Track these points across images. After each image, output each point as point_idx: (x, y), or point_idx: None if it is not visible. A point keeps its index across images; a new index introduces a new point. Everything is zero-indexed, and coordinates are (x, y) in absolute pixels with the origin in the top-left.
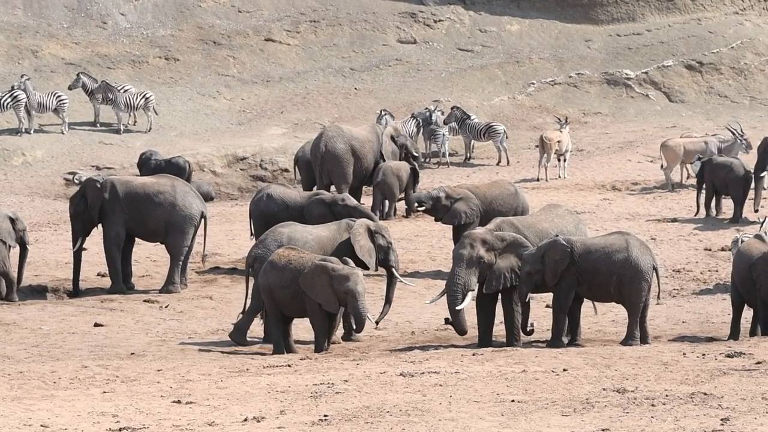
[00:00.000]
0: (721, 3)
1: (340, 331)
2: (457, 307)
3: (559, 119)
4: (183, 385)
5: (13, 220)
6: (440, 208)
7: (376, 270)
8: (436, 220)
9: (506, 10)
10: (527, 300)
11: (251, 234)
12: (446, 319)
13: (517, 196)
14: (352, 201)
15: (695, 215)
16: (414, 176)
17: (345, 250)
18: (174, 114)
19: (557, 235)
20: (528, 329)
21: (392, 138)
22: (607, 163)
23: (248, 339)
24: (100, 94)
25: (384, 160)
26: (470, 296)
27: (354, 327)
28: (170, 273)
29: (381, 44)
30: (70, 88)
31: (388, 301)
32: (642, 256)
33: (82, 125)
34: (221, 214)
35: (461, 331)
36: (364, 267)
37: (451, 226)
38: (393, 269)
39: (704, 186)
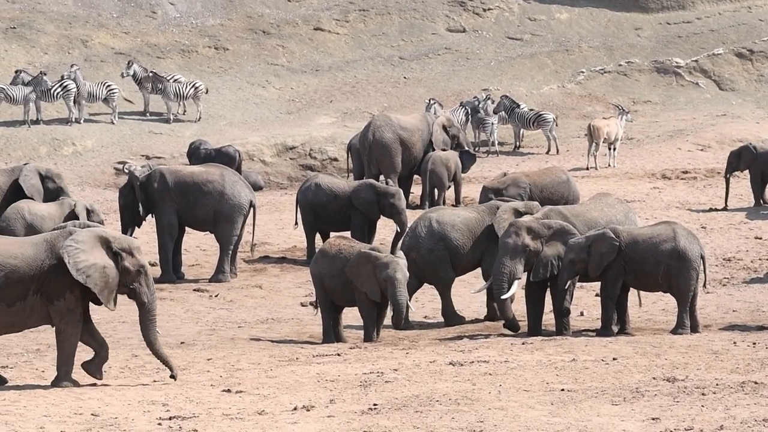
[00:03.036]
0: None
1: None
2: (503, 297)
3: (617, 107)
4: (233, 374)
5: (89, 212)
6: None
7: None
8: None
9: None
10: (567, 287)
11: (296, 223)
12: (504, 324)
13: (569, 184)
14: (400, 204)
15: (754, 205)
16: (465, 161)
17: (493, 231)
18: (223, 103)
19: (605, 228)
20: (564, 309)
21: (444, 128)
22: (657, 152)
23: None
24: (150, 83)
25: (434, 149)
26: (516, 285)
27: (392, 317)
28: (220, 262)
29: (430, 33)
30: (122, 76)
31: None
32: (689, 245)
33: (132, 115)
34: (270, 204)
35: (509, 321)
36: None
37: None
38: None
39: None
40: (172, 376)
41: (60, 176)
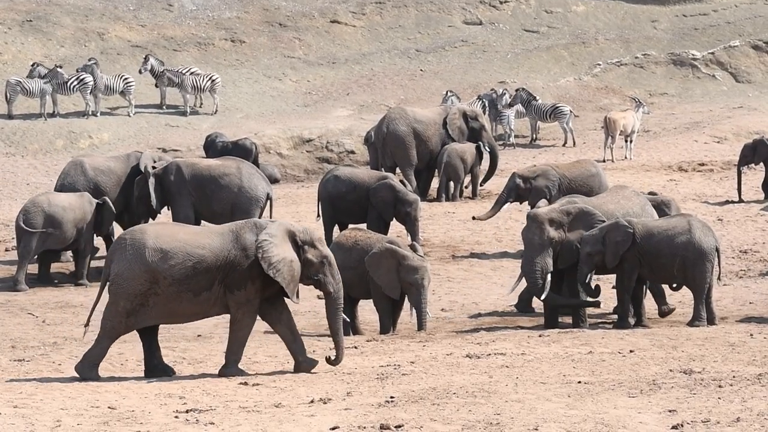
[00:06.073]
0: None
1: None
2: (543, 296)
3: (634, 100)
4: (250, 367)
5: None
6: (523, 193)
7: None
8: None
9: None
10: (587, 281)
11: (318, 216)
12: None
13: (598, 177)
14: (416, 213)
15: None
16: (480, 157)
17: None
18: (240, 96)
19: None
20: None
21: (466, 116)
22: (673, 144)
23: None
24: (166, 77)
25: (451, 139)
26: (549, 278)
27: (416, 321)
28: None
29: (447, 25)
30: (140, 72)
31: None
32: (705, 238)
33: (149, 108)
34: (287, 196)
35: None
36: None
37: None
38: None
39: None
40: (334, 361)
41: None
